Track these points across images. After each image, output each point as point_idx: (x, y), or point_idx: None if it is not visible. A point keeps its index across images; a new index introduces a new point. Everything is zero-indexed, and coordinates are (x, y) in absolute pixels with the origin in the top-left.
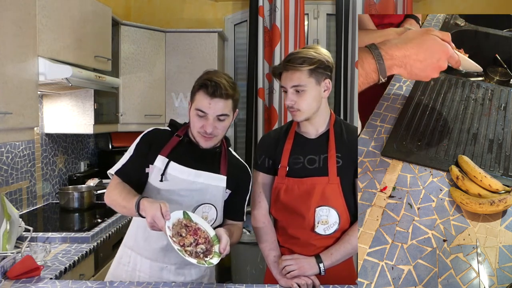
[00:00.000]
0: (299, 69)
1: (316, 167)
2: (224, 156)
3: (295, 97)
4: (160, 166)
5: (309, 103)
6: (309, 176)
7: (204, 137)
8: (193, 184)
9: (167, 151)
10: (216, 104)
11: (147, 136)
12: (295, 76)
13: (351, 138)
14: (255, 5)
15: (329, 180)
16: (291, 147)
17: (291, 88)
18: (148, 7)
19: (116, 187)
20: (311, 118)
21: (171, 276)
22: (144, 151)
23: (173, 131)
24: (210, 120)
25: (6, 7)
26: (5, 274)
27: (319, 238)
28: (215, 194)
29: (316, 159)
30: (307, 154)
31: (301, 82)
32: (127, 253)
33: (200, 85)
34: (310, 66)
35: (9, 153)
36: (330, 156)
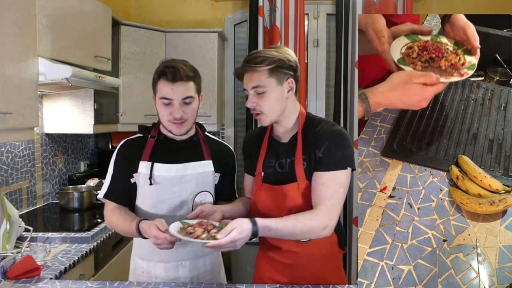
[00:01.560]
0: (257, 69)
1: (285, 172)
2: (203, 142)
3: (256, 99)
4: (146, 171)
5: (272, 104)
6: (280, 183)
7: (175, 124)
8: (183, 178)
9: (147, 155)
10: (178, 88)
11: (121, 150)
12: (254, 76)
13: (321, 134)
14: (255, 5)
15: (299, 185)
16: (265, 152)
17: (251, 89)
18: (148, 7)
19: (113, 214)
20: (279, 120)
21: (187, 272)
22: (123, 165)
23: (146, 135)
24: (176, 105)
25: (6, 7)
26: (5, 274)
27: (302, 245)
28: (206, 181)
29: (283, 163)
30: (278, 158)
31: (260, 83)
32: (139, 264)
33: (160, 73)
34: (268, 66)
35: (9, 153)
36: (297, 159)
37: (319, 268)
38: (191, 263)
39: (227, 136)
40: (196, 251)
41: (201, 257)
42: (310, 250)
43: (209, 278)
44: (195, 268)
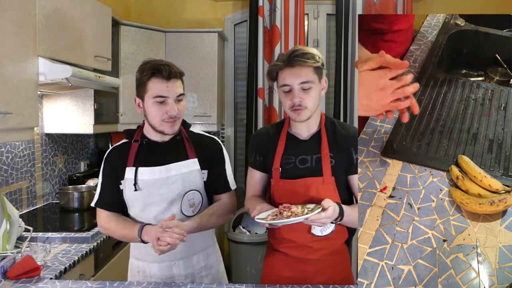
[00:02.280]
0: (309, 65)
1: (308, 167)
2: (186, 141)
3: (302, 94)
4: (131, 177)
5: (315, 100)
6: (302, 177)
7: (168, 123)
8: (168, 179)
9: (132, 161)
10: (173, 85)
11: (109, 157)
12: (303, 72)
13: (344, 136)
14: (255, 5)
15: (324, 180)
16: (283, 149)
17: (298, 85)
18: (148, 7)
19: (109, 221)
20: (311, 117)
21: (181, 271)
22: (111, 172)
23: (130, 140)
24: (171, 103)
25: (6, 7)
26: (5, 274)
27: (316, 240)
28: (193, 179)
29: (308, 159)
30: (298, 155)
31: (309, 78)
32: (135, 264)
33: (152, 72)
34: (317, 63)
35: (9, 153)
36: (324, 156)
37: (329, 263)
38: (184, 262)
39: (227, 136)
40: (189, 250)
41: (195, 254)
42: (323, 245)
43: (205, 274)
44: (189, 266)
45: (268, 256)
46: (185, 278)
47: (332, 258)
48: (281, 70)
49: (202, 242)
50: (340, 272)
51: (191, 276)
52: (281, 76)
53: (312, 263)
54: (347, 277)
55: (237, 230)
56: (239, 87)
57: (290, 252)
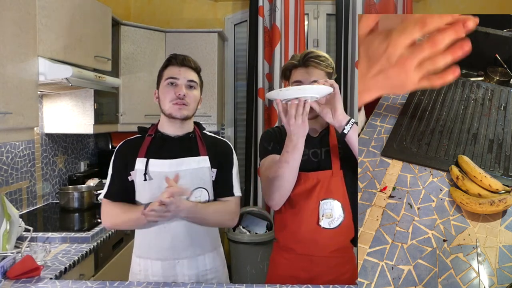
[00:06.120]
0: (321, 67)
1: (319, 160)
2: (199, 139)
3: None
4: (141, 167)
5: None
6: (314, 170)
7: (177, 105)
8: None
9: (143, 152)
10: (185, 71)
11: (120, 150)
12: (315, 72)
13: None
14: (255, 5)
15: (333, 173)
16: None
17: (310, 83)
18: (148, 7)
19: (115, 207)
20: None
21: (185, 270)
22: (121, 165)
23: (143, 135)
24: (180, 85)
25: (6, 7)
26: (5, 274)
27: (323, 233)
28: (202, 177)
29: (318, 152)
30: (311, 148)
31: (320, 79)
32: (137, 262)
33: (168, 61)
34: (329, 69)
35: (9, 153)
36: (332, 148)
37: (336, 261)
38: (189, 261)
39: (227, 136)
40: (195, 249)
41: (200, 255)
42: (330, 241)
43: (209, 277)
44: (194, 266)
45: (275, 257)
46: (188, 279)
47: (339, 256)
48: (295, 68)
49: (208, 243)
50: (346, 271)
51: (195, 277)
52: (294, 74)
53: (319, 262)
54: (353, 276)
55: (237, 230)
56: (239, 87)
57: (297, 248)
